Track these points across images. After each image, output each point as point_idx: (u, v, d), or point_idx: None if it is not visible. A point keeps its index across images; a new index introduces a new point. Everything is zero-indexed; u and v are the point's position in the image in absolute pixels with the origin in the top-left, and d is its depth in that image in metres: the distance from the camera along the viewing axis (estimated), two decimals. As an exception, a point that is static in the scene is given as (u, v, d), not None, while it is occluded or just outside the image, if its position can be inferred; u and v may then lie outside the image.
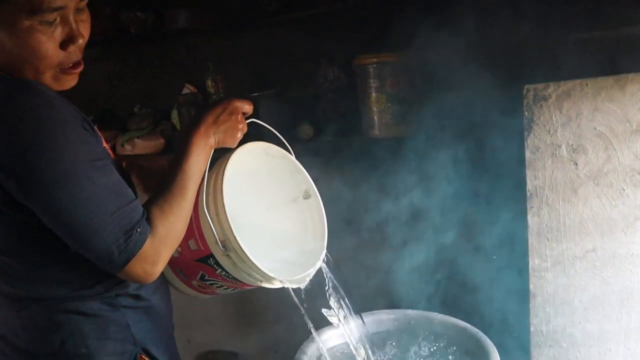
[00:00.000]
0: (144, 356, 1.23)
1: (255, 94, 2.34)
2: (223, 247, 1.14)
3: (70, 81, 1.09)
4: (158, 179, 1.19)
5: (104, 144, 1.14)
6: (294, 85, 2.53)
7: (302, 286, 1.25)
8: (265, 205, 1.41)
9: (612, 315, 1.57)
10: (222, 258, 1.17)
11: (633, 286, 1.54)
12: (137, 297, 1.21)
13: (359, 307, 1.52)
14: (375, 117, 2.19)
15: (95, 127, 1.12)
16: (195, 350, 2.80)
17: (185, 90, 2.77)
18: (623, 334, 1.58)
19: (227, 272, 1.19)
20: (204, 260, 1.20)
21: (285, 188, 1.38)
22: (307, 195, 1.36)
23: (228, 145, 1.19)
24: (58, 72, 1.06)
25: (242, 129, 1.20)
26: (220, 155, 1.21)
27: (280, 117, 2.30)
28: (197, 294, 1.37)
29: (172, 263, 1.24)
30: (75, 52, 1.06)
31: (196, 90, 2.75)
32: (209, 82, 2.69)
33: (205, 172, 1.16)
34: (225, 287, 1.27)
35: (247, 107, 1.21)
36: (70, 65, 1.06)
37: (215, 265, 1.19)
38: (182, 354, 2.81)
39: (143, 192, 1.33)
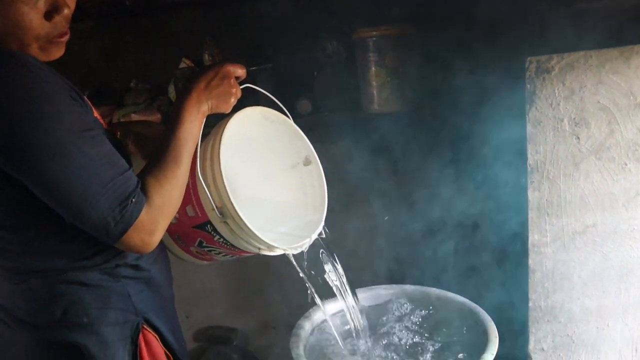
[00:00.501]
0: (145, 326, 1.23)
1: (253, 68, 2.30)
2: (220, 214, 1.12)
3: (57, 51, 1.06)
4: (155, 145, 1.17)
5: (95, 114, 1.12)
6: (292, 59, 2.49)
7: (299, 251, 1.25)
8: (264, 171, 1.39)
9: (611, 291, 1.56)
10: (219, 225, 1.15)
11: (633, 262, 1.53)
12: (136, 267, 1.20)
13: (357, 282, 1.52)
14: (375, 92, 2.16)
15: (85, 97, 1.09)
16: (194, 326, 2.81)
17: (182, 65, 2.72)
18: (621, 310, 1.57)
19: (225, 239, 1.18)
20: (202, 226, 1.19)
21: (285, 154, 1.35)
22: (307, 162, 1.34)
23: (221, 111, 1.17)
24: (44, 43, 1.02)
25: (235, 93, 1.16)
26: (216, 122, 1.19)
27: (278, 91, 2.26)
28: (195, 260, 1.36)
29: (170, 230, 1.23)
30: (61, 22, 1.03)
31: (193, 65, 2.70)
32: (206, 56, 2.64)
33: (199, 139, 1.13)
34: (224, 253, 1.26)
35: (240, 72, 1.18)
36: (57, 35, 1.03)
37: (213, 232, 1.18)
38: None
39: (142, 159, 1.31)
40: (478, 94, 1.69)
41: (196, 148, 1.15)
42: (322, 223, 1.28)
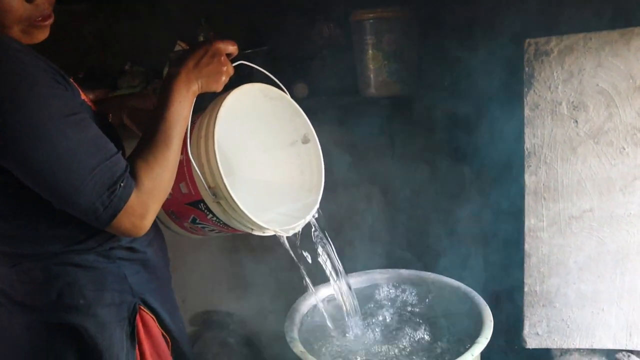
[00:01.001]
0: (142, 307, 1.23)
1: (249, 51, 2.26)
2: (213, 195, 1.11)
3: (41, 34, 1.03)
4: (145, 127, 1.15)
5: (83, 97, 1.10)
6: (288, 42, 2.46)
7: (291, 233, 1.24)
8: (262, 147, 1.38)
9: (607, 276, 1.56)
10: (212, 205, 1.14)
11: (629, 247, 1.53)
12: (131, 249, 1.20)
13: (353, 266, 1.51)
14: (372, 75, 2.12)
15: (71, 80, 1.07)
16: (190, 311, 2.81)
17: (177, 47, 2.68)
18: (616, 295, 1.57)
19: (218, 218, 1.17)
20: (195, 204, 1.17)
21: (283, 131, 1.33)
22: (305, 140, 1.32)
23: (212, 90, 1.14)
24: (26, 26, 1.00)
25: (226, 71, 1.13)
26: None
27: (274, 75, 2.23)
28: (190, 234, 1.35)
29: (164, 205, 1.20)
30: (43, 4, 1.00)
31: (188, 47, 2.66)
32: (201, 39, 2.60)
33: (189, 119, 1.11)
34: (217, 231, 1.25)
35: (232, 48, 1.14)
36: (40, 18, 1.01)
37: (206, 211, 1.17)
38: (177, 314, 2.82)
39: (138, 132, 1.29)
40: (476, 77, 1.67)
41: (192, 126, 1.13)
42: (317, 205, 1.27)
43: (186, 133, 1.11)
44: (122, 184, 0.99)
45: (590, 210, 1.51)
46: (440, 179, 1.86)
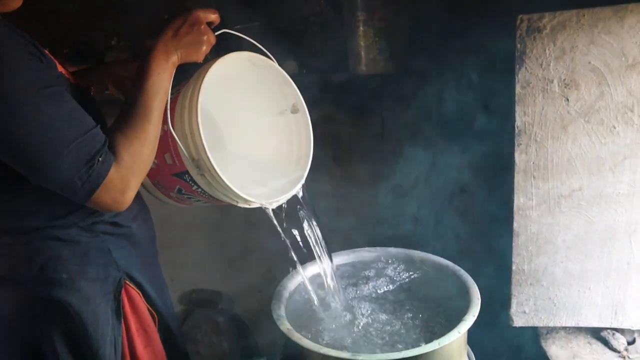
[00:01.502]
0: (127, 282, 1.22)
1: (238, 26, 2.22)
2: (197, 167, 1.09)
3: (13, 2, 0.99)
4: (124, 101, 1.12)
5: (60, 69, 1.06)
6: (279, 19, 2.41)
7: (275, 206, 1.23)
8: (251, 116, 1.35)
9: (594, 255, 1.56)
10: (197, 177, 1.12)
11: (617, 226, 1.53)
12: (115, 224, 1.18)
13: (340, 243, 1.50)
14: (362, 53, 2.10)
15: (47, 52, 1.04)
16: (179, 289, 2.80)
17: (165, 23, 2.63)
18: (603, 273, 1.58)
19: (203, 189, 1.15)
20: (180, 175, 1.15)
21: (272, 100, 1.31)
22: (294, 110, 1.29)
23: (193, 60, 1.10)
24: None
25: (207, 40, 1.09)
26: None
27: (264, 54, 2.19)
28: (176, 204, 1.33)
29: (150, 173, 1.20)
30: None
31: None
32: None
33: (169, 91, 1.08)
34: (203, 202, 1.24)
35: (212, 17, 1.10)
36: None
37: (191, 182, 1.15)
38: (165, 293, 2.81)
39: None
40: (467, 54, 1.65)
41: (175, 96, 1.11)
42: (304, 179, 1.26)
43: (167, 104, 1.08)
44: (100, 159, 0.97)
45: (580, 189, 1.50)
46: (429, 156, 1.84)
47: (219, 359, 2.69)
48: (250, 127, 1.36)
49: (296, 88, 1.28)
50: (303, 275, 1.38)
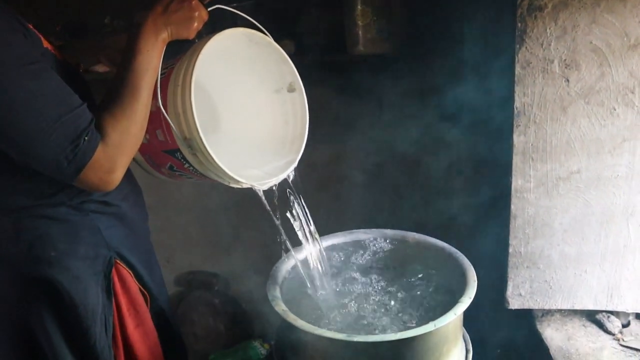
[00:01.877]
0: (118, 261, 1.21)
1: (234, 4, 2.18)
2: (189, 147, 1.07)
3: None
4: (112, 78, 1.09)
5: (46, 44, 1.04)
6: (275, -3, 2.37)
7: (267, 187, 1.22)
8: (247, 94, 1.33)
9: (591, 238, 1.56)
10: (189, 155, 1.10)
11: (614, 209, 1.52)
12: (104, 203, 1.17)
13: (336, 225, 1.49)
14: (360, 32, 2.06)
15: (31, 27, 1.01)
16: (175, 271, 2.80)
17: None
18: (599, 257, 1.58)
19: (194, 168, 1.13)
20: (172, 153, 1.13)
21: (268, 77, 1.28)
22: (291, 89, 1.27)
23: (184, 37, 1.08)
24: None
25: (199, 17, 1.07)
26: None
27: (260, 31, 2.15)
28: (167, 179, 1.32)
29: (142, 148, 1.18)
30: None
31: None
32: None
33: (159, 68, 1.05)
34: (195, 179, 1.22)
35: None
36: None
37: (182, 160, 1.13)
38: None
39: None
40: (467, 33, 1.62)
41: (167, 72, 1.08)
42: (298, 158, 1.24)
43: (157, 82, 1.06)
44: (86, 138, 0.95)
45: (578, 171, 1.49)
46: (427, 137, 1.82)
47: (215, 340, 2.69)
48: (245, 106, 1.34)
49: (293, 66, 1.26)
50: (296, 257, 1.37)
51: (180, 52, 1.13)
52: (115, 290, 1.20)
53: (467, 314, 1.25)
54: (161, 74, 1.07)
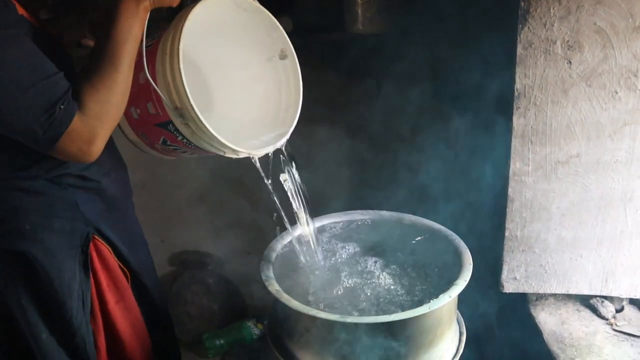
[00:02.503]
0: (97, 236, 1.19)
1: (230, -20, 2.13)
2: (180, 117, 1.04)
3: None
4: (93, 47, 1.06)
5: (21, 11, 1.00)
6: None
7: (263, 154, 1.19)
8: (239, 62, 1.30)
9: (588, 223, 1.55)
10: (181, 126, 1.08)
11: (612, 194, 1.51)
12: (82, 177, 1.15)
13: (331, 206, 1.47)
14: (359, 10, 2.01)
15: None
16: (169, 250, 2.79)
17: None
18: (596, 241, 1.57)
19: (188, 139, 1.11)
20: (164, 125, 1.11)
21: (260, 45, 1.25)
22: (283, 56, 1.24)
23: (167, 5, 1.04)
24: None
25: None
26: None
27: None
28: (162, 156, 1.30)
29: (134, 125, 1.16)
30: None
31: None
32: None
33: (142, 37, 1.02)
34: (189, 152, 1.20)
35: None
36: None
37: (175, 132, 1.11)
38: (155, 254, 2.80)
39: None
40: (468, 13, 1.59)
41: (155, 43, 1.05)
42: (294, 125, 1.21)
43: (142, 51, 1.02)
44: (62, 107, 0.92)
45: (577, 155, 1.47)
46: (424, 119, 1.80)
47: (209, 320, 2.69)
48: (237, 78, 1.31)
49: (284, 32, 1.22)
50: (291, 235, 1.35)
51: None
52: (94, 266, 1.19)
53: (461, 297, 1.24)
54: (148, 46, 1.04)
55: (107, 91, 0.97)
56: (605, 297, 1.67)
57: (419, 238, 1.49)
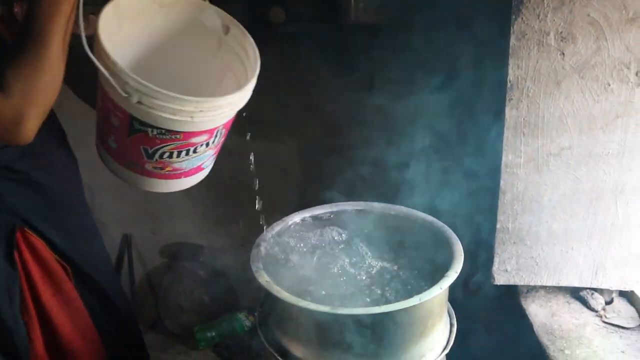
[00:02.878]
0: (27, 229, 1.17)
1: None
2: (127, 94, 1.00)
3: None
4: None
5: None
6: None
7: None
8: (189, 56, 1.24)
9: (579, 215, 1.55)
10: (138, 110, 1.04)
11: (604, 186, 1.51)
12: (7, 168, 1.12)
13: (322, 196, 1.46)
14: (352, 1, 2.00)
15: None
16: (160, 243, 2.78)
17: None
18: (587, 234, 1.57)
19: (156, 127, 1.07)
20: (132, 128, 1.08)
21: (201, 38, 1.20)
22: (226, 30, 1.19)
23: None
24: None
25: None
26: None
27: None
28: (167, 181, 1.22)
29: (120, 159, 1.14)
30: None
31: None
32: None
33: (69, 13, 0.96)
34: (177, 150, 1.14)
35: None
36: None
37: (142, 127, 1.07)
38: (147, 247, 2.78)
39: None
40: (461, 3, 1.57)
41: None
42: (256, 74, 1.14)
43: (79, 32, 0.98)
44: None
45: (569, 147, 1.47)
46: (418, 111, 1.79)
47: (200, 312, 2.69)
48: (192, 66, 1.26)
49: (215, 7, 1.17)
50: (280, 228, 1.34)
51: None
52: (24, 258, 1.17)
53: (451, 287, 1.24)
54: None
55: (31, 69, 0.93)
56: (595, 290, 1.67)
57: (410, 229, 1.48)
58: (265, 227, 1.39)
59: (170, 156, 1.15)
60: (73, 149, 1.40)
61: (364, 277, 1.38)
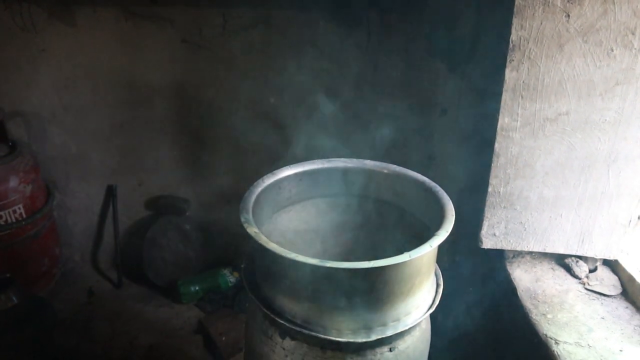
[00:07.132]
0: None
1: None
2: None
3: None
4: None
5: None
6: None
7: None
8: None
9: (570, 182, 1.54)
10: None
11: (597, 154, 1.50)
12: None
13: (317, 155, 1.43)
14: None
15: None
16: (146, 194, 2.74)
17: None
18: (577, 201, 1.57)
19: None
20: None
21: None
22: None
23: None
24: None
25: None
26: None
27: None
28: None
29: None
30: None
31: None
32: None
33: None
34: None
35: None
36: None
37: None
38: (133, 198, 2.74)
39: None
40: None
41: None
42: None
43: None
44: None
45: (566, 113, 1.45)
46: (415, 73, 1.75)
47: (184, 266, 2.68)
48: None
49: None
50: (270, 181, 1.31)
51: None
52: None
53: (439, 250, 1.23)
54: None
55: None
56: (580, 257, 1.69)
57: (403, 189, 1.46)
58: (264, 176, 1.36)
59: None
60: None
61: (354, 232, 1.37)
